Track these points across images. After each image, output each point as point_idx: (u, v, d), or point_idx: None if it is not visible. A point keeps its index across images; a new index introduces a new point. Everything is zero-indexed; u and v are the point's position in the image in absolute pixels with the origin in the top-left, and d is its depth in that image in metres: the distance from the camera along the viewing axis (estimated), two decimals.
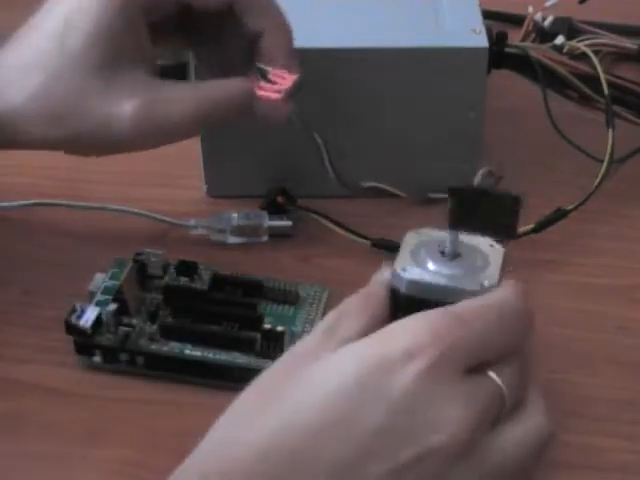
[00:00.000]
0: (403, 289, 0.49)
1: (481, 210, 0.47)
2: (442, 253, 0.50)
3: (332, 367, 0.40)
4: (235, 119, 0.53)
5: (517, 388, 0.43)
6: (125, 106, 0.50)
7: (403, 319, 0.43)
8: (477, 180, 0.54)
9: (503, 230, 0.48)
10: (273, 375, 0.42)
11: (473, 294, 0.48)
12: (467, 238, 0.49)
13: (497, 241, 0.50)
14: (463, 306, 0.43)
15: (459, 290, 0.48)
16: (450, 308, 0.43)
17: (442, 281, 0.48)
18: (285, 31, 0.55)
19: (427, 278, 0.48)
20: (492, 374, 0.42)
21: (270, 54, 0.54)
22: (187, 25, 0.56)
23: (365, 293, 0.45)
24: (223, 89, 0.53)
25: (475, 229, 0.48)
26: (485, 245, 0.50)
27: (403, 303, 0.50)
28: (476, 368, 0.42)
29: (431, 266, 0.49)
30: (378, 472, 0.38)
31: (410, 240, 0.51)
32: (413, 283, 0.48)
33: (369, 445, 0.38)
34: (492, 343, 0.42)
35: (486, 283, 0.48)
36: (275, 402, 0.40)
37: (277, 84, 0.53)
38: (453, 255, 0.49)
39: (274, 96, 0.53)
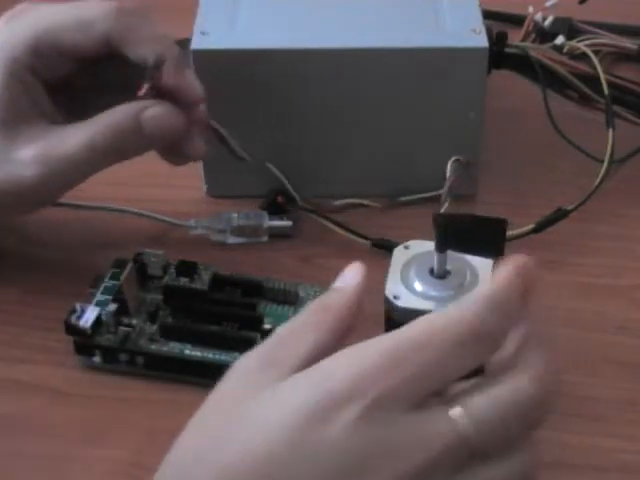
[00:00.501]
0: (395, 316, 0.49)
1: (467, 235, 0.47)
2: (431, 271, 0.50)
3: (266, 413, 0.38)
4: (135, 141, 0.54)
5: (496, 435, 0.38)
6: (26, 153, 0.53)
7: (346, 350, 0.39)
8: (449, 173, 0.54)
9: (490, 251, 0.48)
10: (210, 415, 0.40)
11: None
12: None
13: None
14: (415, 329, 0.39)
15: None
16: (401, 333, 0.39)
17: (433, 306, 0.48)
18: (169, 55, 0.54)
19: (418, 305, 0.49)
20: (452, 412, 0.38)
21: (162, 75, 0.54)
22: (91, 76, 0.58)
23: (321, 307, 0.42)
24: (110, 115, 0.54)
25: (462, 251, 0.49)
26: (474, 257, 0.50)
27: (395, 326, 0.50)
28: (434, 397, 0.38)
29: (421, 287, 0.49)
30: None
31: (399, 257, 0.52)
32: (404, 310, 0.49)
33: None
34: (447, 368, 0.38)
35: None
36: (212, 450, 0.38)
37: None
38: (442, 275, 0.49)
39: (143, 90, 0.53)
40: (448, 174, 0.56)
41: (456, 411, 0.38)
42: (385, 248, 0.60)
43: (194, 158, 0.58)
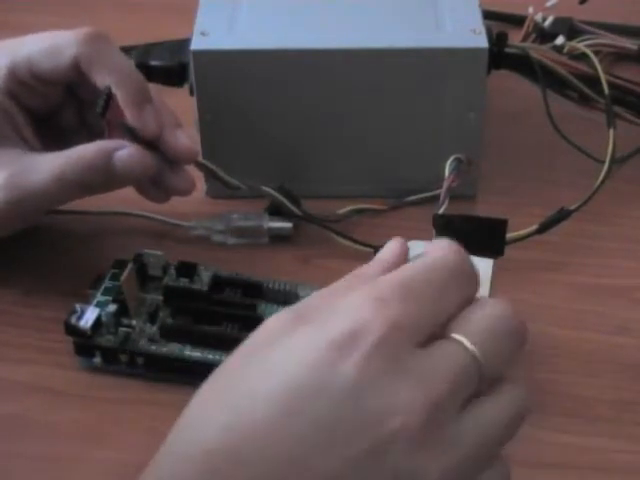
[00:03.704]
0: None
1: (467, 235, 0.47)
2: None
3: (280, 358, 0.38)
4: (104, 178, 0.55)
5: (496, 354, 0.40)
6: None
7: (351, 295, 0.40)
8: (448, 171, 0.54)
9: (490, 250, 0.48)
10: (232, 362, 0.40)
11: None
12: None
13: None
14: (408, 271, 0.41)
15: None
16: (395, 276, 0.40)
17: None
18: (128, 84, 0.55)
19: None
20: (458, 336, 0.39)
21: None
22: (76, 113, 0.60)
23: (356, 273, 0.43)
24: (83, 150, 0.55)
25: None
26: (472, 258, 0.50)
27: None
28: (439, 334, 0.39)
29: None
30: (327, 467, 0.36)
31: None
32: None
33: (315, 439, 0.36)
34: (446, 302, 0.40)
35: None
36: (227, 394, 0.39)
37: None
38: None
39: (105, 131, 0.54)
40: (447, 173, 0.56)
41: (460, 337, 0.39)
42: None
43: (182, 193, 0.58)
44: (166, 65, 0.64)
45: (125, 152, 0.55)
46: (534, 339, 0.56)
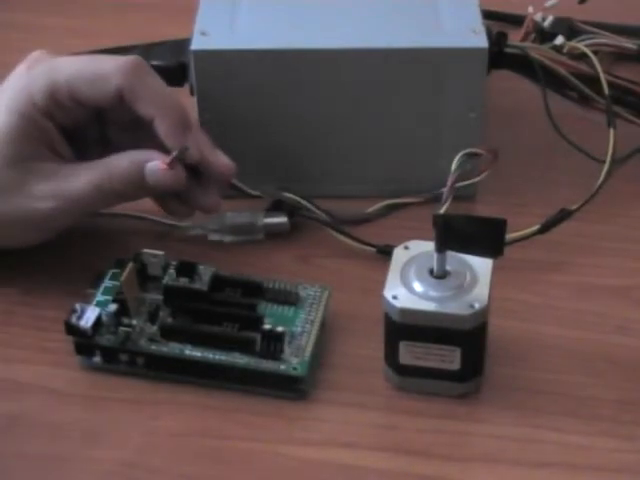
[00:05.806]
0: (394, 317, 0.49)
1: (467, 235, 0.47)
2: (431, 271, 0.50)
3: None
4: (137, 188, 0.57)
5: None
6: (42, 188, 0.57)
7: None
8: (454, 166, 0.53)
9: (490, 251, 0.48)
10: None
11: (465, 318, 0.49)
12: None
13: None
14: None
15: (450, 315, 0.49)
16: None
17: (434, 307, 0.48)
18: (171, 115, 0.57)
19: (416, 305, 0.49)
20: None
21: (162, 137, 0.57)
22: (106, 122, 0.61)
23: None
24: (118, 160, 0.57)
25: (462, 251, 0.49)
26: (473, 257, 0.50)
27: (396, 328, 0.50)
28: None
29: (420, 288, 0.49)
30: None
31: (399, 257, 0.52)
32: (403, 311, 0.49)
33: None
34: None
35: (477, 305, 0.49)
36: None
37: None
38: (441, 275, 0.49)
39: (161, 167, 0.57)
40: (453, 169, 0.56)
41: None
42: (390, 254, 0.59)
43: (208, 210, 0.60)
44: (166, 65, 0.64)
45: (155, 164, 0.56)
46: (534, 339, 0.56)
